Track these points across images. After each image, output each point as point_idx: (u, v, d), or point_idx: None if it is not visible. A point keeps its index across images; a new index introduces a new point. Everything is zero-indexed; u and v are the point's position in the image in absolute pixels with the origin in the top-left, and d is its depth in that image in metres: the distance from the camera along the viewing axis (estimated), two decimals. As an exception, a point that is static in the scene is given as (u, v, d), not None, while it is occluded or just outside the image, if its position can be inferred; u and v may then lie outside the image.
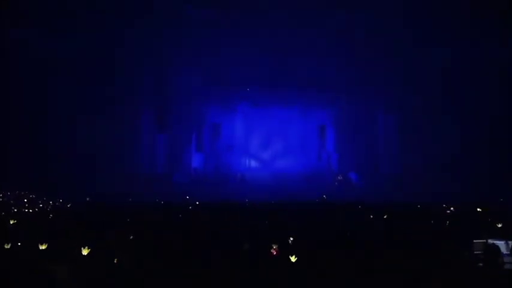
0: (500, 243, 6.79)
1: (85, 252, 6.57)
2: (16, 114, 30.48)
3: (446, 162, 29.53)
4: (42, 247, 6.97)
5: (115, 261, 6.30)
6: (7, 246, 7.07)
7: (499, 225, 9.51)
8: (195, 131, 39.84)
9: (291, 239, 8.78)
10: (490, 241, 6.91)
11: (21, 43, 29.71)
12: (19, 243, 7.52)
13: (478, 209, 14.06)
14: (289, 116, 40.79)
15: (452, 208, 15.54)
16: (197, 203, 23.26)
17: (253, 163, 41.87)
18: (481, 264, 5.86)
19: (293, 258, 6.11)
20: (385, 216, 12.85)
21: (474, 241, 7.01)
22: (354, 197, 26.67)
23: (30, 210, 22.33)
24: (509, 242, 7.06)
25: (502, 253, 5.98)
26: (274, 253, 7.30)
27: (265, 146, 42.07)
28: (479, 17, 27.40)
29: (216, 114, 40.25)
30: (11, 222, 11.77)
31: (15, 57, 29.70)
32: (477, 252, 6.76)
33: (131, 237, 8.91)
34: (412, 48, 31.03)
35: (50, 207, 25.28)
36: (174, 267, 6.25)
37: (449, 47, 29.87)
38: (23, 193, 27.70)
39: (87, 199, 27.92)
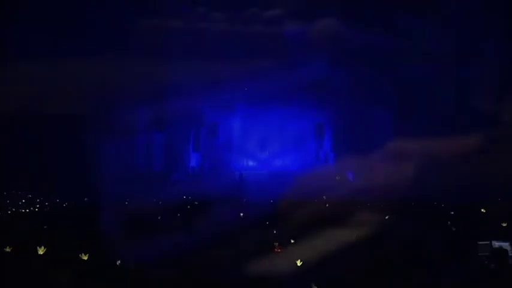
0: (505, 245, 6.72)
1: (84, 257, 6.47)
2: (14, 113, 30.25)
3: (446, 162, 29.47)
4: (41, 252, 6.86)
5: (117, 263, 6.22)
6: (8, 250, 6.95)
7: (504, 225, 9.44)
8: (193, 130, 39.72)
9: (292, 241, 8.74)
10: (495, 242, 6.83)
11: (21, 43, 29.51)
12: (18, 245, 7.42)
13: (482, 210, 13.97)
14: (287, 115, 40.69)
15: (453, 209, 15.47)
16: (196, 202, 23.17)
17: (251, 162, 41.79)
18: (487, 266, 5.79)
19: (299, 263, 6.05)
20: (386, 217, 12.81)
21: (479, 242, 6.93)
22: (353, 197, 26.52)
23: (27, 210, 22.22)
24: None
25: (508, 255, 5.92)
26: (278, 251, 7.31)
27: (263, 145, 42.00)
28: (479, 17, 27.38)
29: (214, 113, 40.09)
30: (9, 222, 11.66)
31: (16, 57, 29.47)
32: (482, 254, 6.68)
33: (131, 237, 8.84)
34: (412, 48, 30.96)
35: (47, 207, 25.16)
36: (174, 266, 6.20)
37: (449, 46, 29.82)
38: (20, 193, 27.53)
39: (85, 199, 27.76)
